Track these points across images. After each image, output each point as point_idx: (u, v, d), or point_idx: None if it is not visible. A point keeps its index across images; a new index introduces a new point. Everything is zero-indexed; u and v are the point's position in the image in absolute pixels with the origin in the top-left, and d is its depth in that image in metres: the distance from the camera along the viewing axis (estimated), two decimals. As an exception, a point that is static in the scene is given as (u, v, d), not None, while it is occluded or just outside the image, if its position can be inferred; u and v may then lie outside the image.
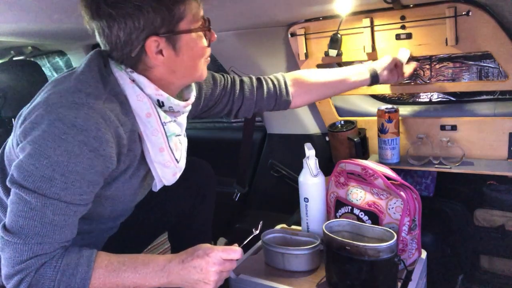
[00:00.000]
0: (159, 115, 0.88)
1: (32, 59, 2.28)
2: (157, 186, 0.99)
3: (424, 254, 1.17)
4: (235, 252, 0.86)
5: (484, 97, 1.54)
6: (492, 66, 1.51)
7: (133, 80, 0.85)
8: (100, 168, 0.80)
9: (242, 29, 1.55)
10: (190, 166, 1.15)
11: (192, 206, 1.26)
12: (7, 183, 0.78)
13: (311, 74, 1.27)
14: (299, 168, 1.21)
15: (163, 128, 0.89)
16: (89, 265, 0.79)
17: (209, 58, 0.95)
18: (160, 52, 0.84)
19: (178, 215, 1.25)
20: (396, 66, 1.31)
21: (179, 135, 0.96)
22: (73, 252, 0.80)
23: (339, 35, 1.45)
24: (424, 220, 1.15)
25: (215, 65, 2.13)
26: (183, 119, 0.97)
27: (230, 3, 1.19)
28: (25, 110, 0.85)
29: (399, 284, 1.03)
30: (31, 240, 0.76)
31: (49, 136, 0.75)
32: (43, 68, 2.18)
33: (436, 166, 1.40)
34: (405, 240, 1.09)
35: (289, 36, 1.56)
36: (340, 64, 1.74)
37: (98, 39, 0.85)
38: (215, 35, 0.93)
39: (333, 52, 1.46)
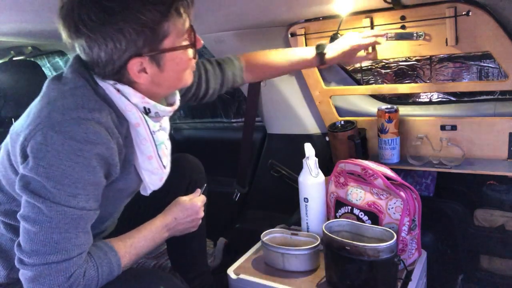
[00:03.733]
0: (147, 124, 0.89)
1: (32, 59, 2.28)
2: (146, 191, 1.01)
3: (424, 254, 1.17)
4: (196, 193, 1.09)
5: (484, 97, 1.54)
6: (492, 66, 1.51)
7: (118, 90, 0.85)
8: (108, 175, 0.85)
9: (242, 29, 1.55)
10: (179, 161, 1.19)
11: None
12: (24, 206, 0.77)
13: (260, 56, 1.30)
14: (299, 168, 1.21)
15: (152, 137, 0.91)
16: (113, 249, 0.85)
17: (194, 65, 0.93)
18: (144, 70, 0.83)
19: None
20: (352, 49, 1.28)
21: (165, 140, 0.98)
22: (92, 247, 0.83)
23: (339, 35, 1.44)
24: (424, 220, 1.15)
25: (215, 65, 2.13)
26: (166, 122, 0.98)
27: (230, 3, 1.19)
28: (20, 128, 0.83)
29: (399, 284, 1.03)
30: (72, 253, 0.77)
31: (64, 155, 0.76)
32: (43, 68, 2.19)
33: (436, 166, 1.40)
34: (405, 240, 1.09)
35: (289, 36, 1.56)
36: (340, 64, 1.75)
37: (79, 53, 0.83)
38: (201, 42, 0.90)
39: (333, 52, 1.46)
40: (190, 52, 0.88)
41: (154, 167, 0.94)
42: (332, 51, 1.27)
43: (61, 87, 0.83)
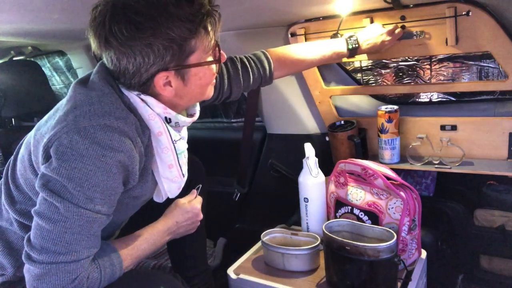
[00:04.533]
0: (170, 134, 0.90)
1: (32, 59, 2.28)
2: (162, 198, 1.02)
3: (424, 254, 1.17)
4: (193, 194, 1.10)
5: (484, 97, 1.54)
6: (492, 66, 1.51)
7: (142, 100, 0.86)
8: (126, 182, 0.86)
9: (242, 29, 1.55)
10: None
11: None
12: (41, 203, 0.78)
13: (291, 51, 1.28)
14: (299, 168, 1.21)
15: (174, 146, 0.91)
16: (116, 250, 0.85)
17: (215, 80, 0.95)
18: (169, 83, 0.85)
19: None
20: (383, 43, 1.30)
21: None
22: None
23: (339, 35, 1.44)
24: (424, 220, 1.15)
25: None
26: (184, 131, 1.00)
27: (230, 3, 1.19)
28: (45, 129, 0.84)
29: (399, 284, 1.03)
30: (81, 255, 0.77)
31: (88, 160, 0.77)
32: (43, 68, 2.19)
33: (436, 166, 1.40)
34: (405, 240, 1.09)
35: (289, 36, 1.56)
36: (340, 64, 1.75)
37: (106, 63, 0.85)
38: (225, 56, 0.93)
39: (333, 52, 1.46)
40: (214, 67, 0.90)
41: (174, 175, 0.95)
42: (365, 44, 1.29)
43: (89, 93, 0.84)
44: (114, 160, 0.79)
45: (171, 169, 0.93)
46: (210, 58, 0.87)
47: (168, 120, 0.90)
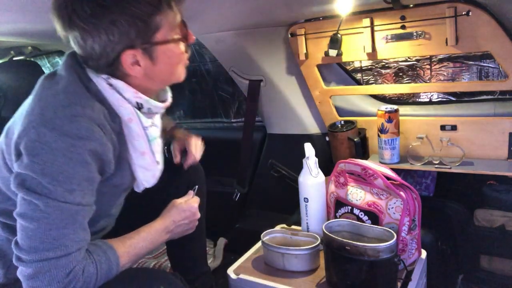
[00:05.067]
0: (140, 120, 0.89)
1: (32, 59, 2.28)
2: (140, 187, 1.01)
3: (424, 254, 1.17)
4: (189, 195, 1.09)
5: (484, 97, 1.54)
6: (492, 66, 1.51)
7: (111, 85, 0.86)
8: (102, 171, 0.85)
9: (242, 29, 1.55)
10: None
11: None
12: (20, 204, 0.77)
13: None
14: (299, 168, 1.21)
15: (145, 132, 0.91)
16: (112, 247, 0.84)
17: (187, 61, 0.94)
18: (137, 62, 0.84)
19: None
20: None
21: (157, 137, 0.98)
22: (90, 245, 0.83)
23: (339, 35, 1.45)
24: (424, 220, 1.14)
25: (214, 65, 2.13)
26: (158, 120, 0.99)
27: (230, 3, 1.19)
28: (13, 126, 0.84)
29: (399, 284, 1.03)
30: (71, 249, 0.77)
31: (58, 152, 0.76)
32: (43, 68, 2.19)
33: (436, 166, 1.40)
34: (405, 240, 1.09)
35: (289, 36, 1.56)
36: (340, 64, 1.75)
37: (73, 46, 0.84)
38: (193, 37, 0.92)
39: (333, 52, 1.47)
40: (182, 46, 0.89)
41: (148, 163, 0.94)
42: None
43: (53, 85, 0.84)
44: (84, 149, 0.78)
45: (144, 156, 0.93)
46: (177, 36, 0.87)
47: (140, 106, 0.89)
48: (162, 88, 0.98)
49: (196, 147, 1.21)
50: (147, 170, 0.96)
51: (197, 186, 1.15)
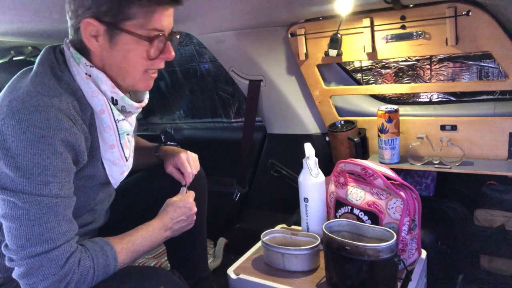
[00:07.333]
0: (112, 112, 0.89)
1: (32, 59, 2.28)
2: (112, 183, 1.00)
3: (424, 254, 1.17)
4: (182, 192, 1.10)
5: (484, 97, 1.54)
6: (492, 66, 1.51)
7: (90, 75, 0.86)
8: (76, 161, 0.85)
9: (242, 29, 1.55)
10: None
11: None
12: (0, 205, 0.77)
13: None
14: (299, 168, 1.21)
15: (116, 125, 0.91)
16: (109, 243, 0.85)
17: (155, 74, 0.93)
18: (96, 37, 0.85)
19: None
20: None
21: (129, 134, 0.98)
22: (87, 241, 0.83)
23: (339, 35, 1.45)
24: (424, 220, 1.14)
25: (215, 65, 2.13)
26: (133, 119, 0.99)
27: (230, 3, 1.19)
28: None
29: (399, 284, 1.03)
30: (58, 241, 0.77)
31: (28, 144, 0.75)
32: (43, 68, 2.18)
33: (436, 166, 1.40)
34: (405, 240, 1.09)
35: (289, 36, 1.56)
36: (340, 64, 1.75)
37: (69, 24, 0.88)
38: (173, 54, 0.91)
39: (333, 52, 1.47)
40: (147, 51, 0.87)
41: (116, 157, 0.94)
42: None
43: (24, 77, 0.84)
44: (55, 139, 0.77)
45: (113, 149, 0.92)
46: (145, 36, 0.85)
47: (114, 102, 0.90)
48: (128, 89, 0.96)
49: (190, 162, 1.15)
50: (115, 164, 0.95)
51: (186, 184, 1.13)
